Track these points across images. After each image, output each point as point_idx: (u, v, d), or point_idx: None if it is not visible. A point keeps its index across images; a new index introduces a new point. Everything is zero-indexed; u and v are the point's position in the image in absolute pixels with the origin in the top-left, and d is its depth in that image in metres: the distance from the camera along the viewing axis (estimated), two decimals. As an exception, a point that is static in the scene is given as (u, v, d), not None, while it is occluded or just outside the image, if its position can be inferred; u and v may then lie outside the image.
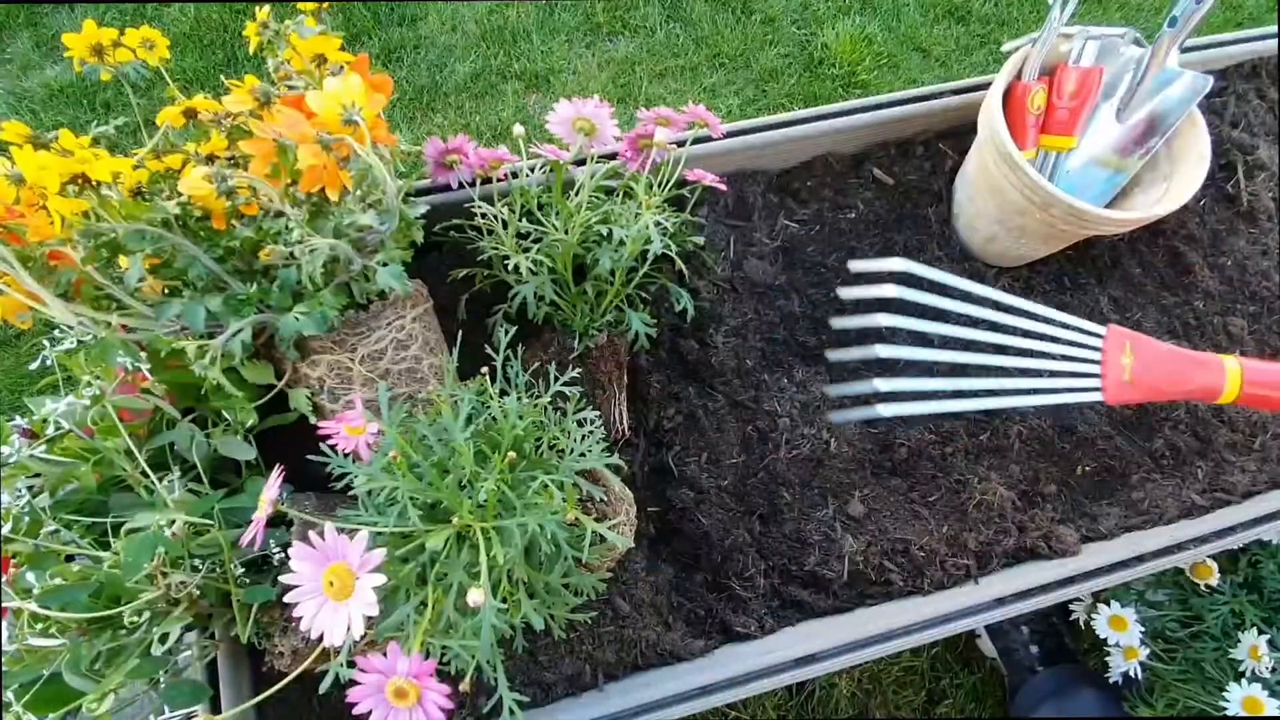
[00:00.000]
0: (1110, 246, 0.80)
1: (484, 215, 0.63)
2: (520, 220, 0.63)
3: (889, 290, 0.54)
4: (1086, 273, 0.79)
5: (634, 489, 0.67)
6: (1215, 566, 0.90)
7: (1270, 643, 0.88)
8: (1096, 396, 0.48)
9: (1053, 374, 0.49)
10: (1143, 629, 0.91)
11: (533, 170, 0.64)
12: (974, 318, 0.51)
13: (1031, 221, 0.68)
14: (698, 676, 0.62)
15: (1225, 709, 0.81)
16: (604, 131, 0.59)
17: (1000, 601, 0.65)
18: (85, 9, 1.75)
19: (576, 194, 0.59)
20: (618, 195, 0.65)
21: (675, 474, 0.69)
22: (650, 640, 0.64)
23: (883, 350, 0.53)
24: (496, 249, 0.62)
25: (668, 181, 0.63)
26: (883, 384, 0.53)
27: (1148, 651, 0.90)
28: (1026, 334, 0.50)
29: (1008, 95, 0.70)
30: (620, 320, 0.66)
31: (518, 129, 0.60)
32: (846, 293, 0.57)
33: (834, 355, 0.56)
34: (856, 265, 0.59)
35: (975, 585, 0.67)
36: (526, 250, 0.61)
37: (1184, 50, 0.71)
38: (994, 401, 0.50)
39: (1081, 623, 0.98)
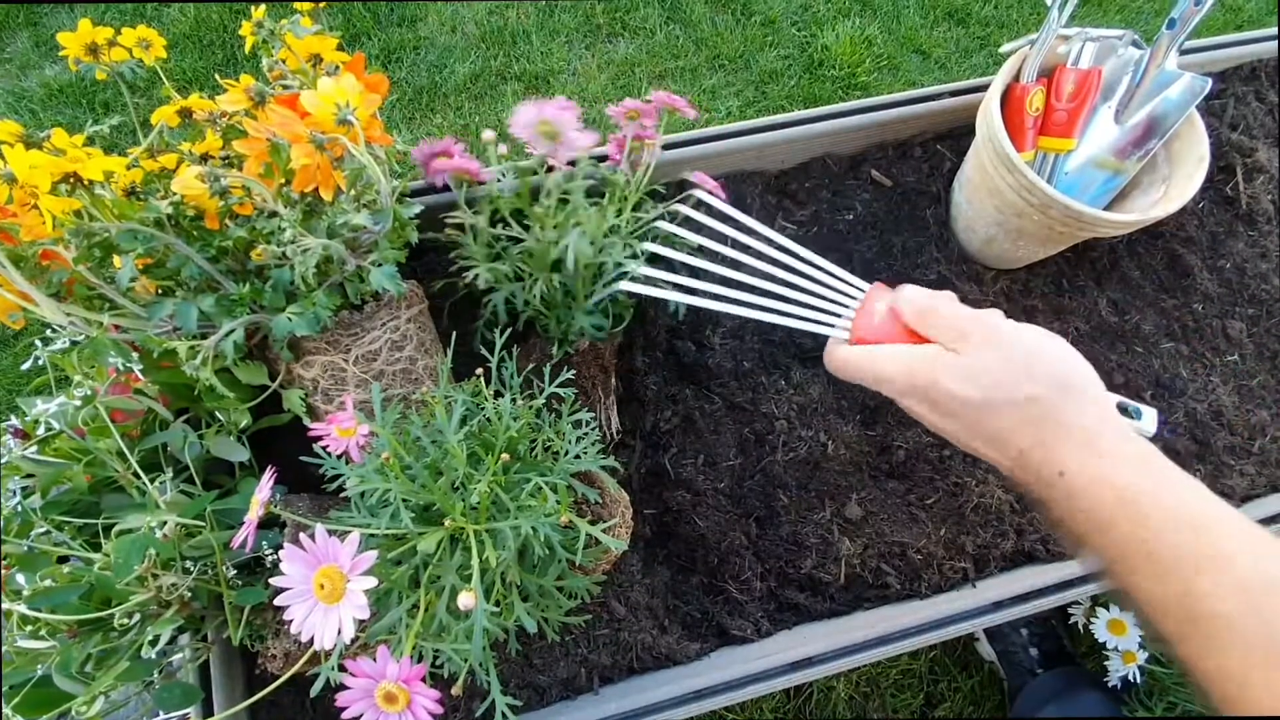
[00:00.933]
0: (1109, 249, 0.79)
1: (454, 225, 0.62)
2: (495, 226, 0.62)
3: (677, 206, 0.60)
4: (1085, 275, 0.78)
5: (630, 491, 0.67)
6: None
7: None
8: (844, 335, 0.51)
9: (811, 307, 0.53)
10: (1142, 633, 0.91)
11: (504, 175, 0.63)
12: (760, 252, 0.56)
13: (1029, 223, 0.67)
14: (694, 680, 0.62)
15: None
16: (570, 137, 0.55)
17: (998, 605, 0.65)
18: (84, 9, 1.75)
19: (547, 198, 0.58)
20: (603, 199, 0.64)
21: (672, 476, 0.68)
22: (646, 643, 0.64)
23: (651, 246, 0.58)
24: (466, 259, 0.62)
25: (642, 182, 0.62)
26: (636, 266, 0.57)
27: (1146, 655, 0.90)
28: (804, 275, 0.54)
29: (1006, 97, 0.70)
30: (602, 326, 0.66)
31: (487, 134, 0.60)
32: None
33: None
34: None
35: (973, 589, 0.67)
36: (498, 256, 0.60)
37: (1183, 52, 0.71)
38: (741, 310, 0.54)
39: (1080, 626, 0.97)
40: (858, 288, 0.53)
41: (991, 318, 0.44)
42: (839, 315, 0.53)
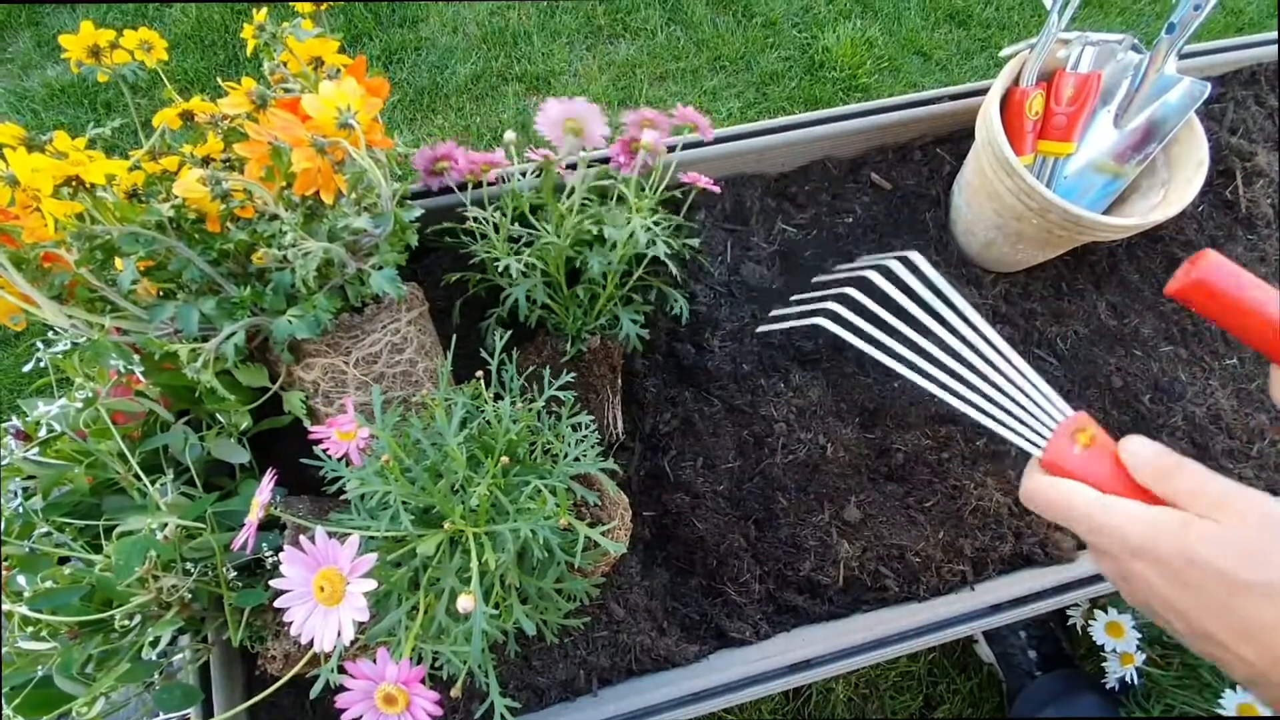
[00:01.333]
0: (1108, 252, 0.79)
1: (476, 219, 0.63)
2: (513, 224, 0.63)
3: (891, 262, 0.57)
4: (1084, 279, 0.78)
5: (629, 493, 0.67)
6: None
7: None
8: (1036, 451, 0.47)
9: (1004, 409, 0.49)
10: (1139, 635, 0.91)
11: (524, 174, 0.64)
12: (958, 333, 0.52)
13: (1029, 227, 0.68)
14: (692, 682, 0.62)
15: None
16: (592, 132, 0.58)
17: (996, 608, 0.65)
18: (86, 9, 1.75)
19: (568, 196, 0.59)
20: (611, 198, 0.65)
21: (671, 478, 0.69)
22: (644, 645, 0.64)
23: (851, 290, 0.56)
24: (489, 252, 0.62)
25: (660, 185, 0.63)
26: (837, 306, 0.55)
27: (1144, 657, 0.90)
28: (997, 369, 0.51)
29: (1006, 101, 0.70)
30: (614, 324, 0.66)
31: (509, 135, 0.60)
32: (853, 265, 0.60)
33: (801, 297, 0.62)
34: (867, 259, 0.61)
35: (971, 591, 0.67)
36: (518, 254, 0.61)
37: (1183, 56, 0.71)
38: (934, 388, 0.51)
39: (1078, 629, 0.97)
40: (1059, 409, 0.48)
41: (1261, 493, 0.39)
42: (1033, 429, 0.48)
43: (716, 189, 0.70)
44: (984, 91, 0.73)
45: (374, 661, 0.38)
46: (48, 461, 0.54)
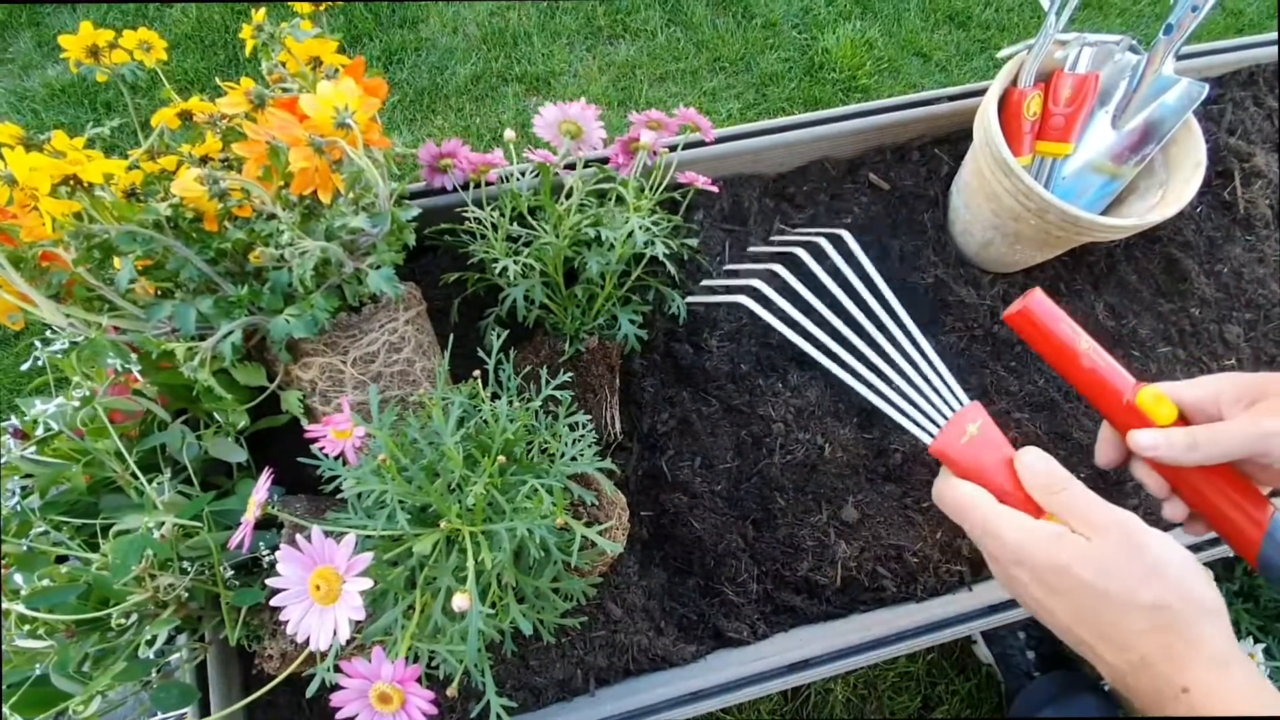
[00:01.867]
0: (1106, 253, 0.79)
1: (475, 219, 0.63)
2: (511, 224, 0.63)
3: (820, 239, 0.60)
4: (1082, 279, 0.78)
5: (627, 493, 0.67)
6: (1211, 575, 0.90)
7: (1266, 651, 0.88)
8: (926, 439, 0.51)
9: (905, 396, 0.53)
10: None
11: (523, 174, 0.65)
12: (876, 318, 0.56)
13: (1026, 227, 0.68)
14: (690, 682, 0.62)
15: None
16: (590, 134, 0.59)
17: (994, 608, 0.65)
18: (87, 9, 1.75)
19: (567, 197, 0.59)
20: (610, 199, 0.65)
21: (669, 478, 0.69)
22: (642, 645, 0.64)
23: (778, 267, 0.58)
24: (488, 252, 0.62)
25: (659, 185, 0.63)
26: (762, 285, 0.58)
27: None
28: (908, 359, 0.54)
29: (1004, 101, 0.70)
30: (612, 324, 0.67)
31: (508, 134, 0.60)
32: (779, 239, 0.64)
33: (730, 266, 0.65)
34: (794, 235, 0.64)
35: (969, 592, 0.67)
36: (517, 254, 0.61)
37: (1181, 57, 0.71)
38: (842, 372, 0.54)
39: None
40: (957, 397, 0.52)
41: (1127, 514, 0.43)
42: (926, 414, 0.51)
43: (714, 189, 0.70)
44: (982, 92, 0.73)
45: (370, 660, 0.39)
46: (45, 460, 0.54)
